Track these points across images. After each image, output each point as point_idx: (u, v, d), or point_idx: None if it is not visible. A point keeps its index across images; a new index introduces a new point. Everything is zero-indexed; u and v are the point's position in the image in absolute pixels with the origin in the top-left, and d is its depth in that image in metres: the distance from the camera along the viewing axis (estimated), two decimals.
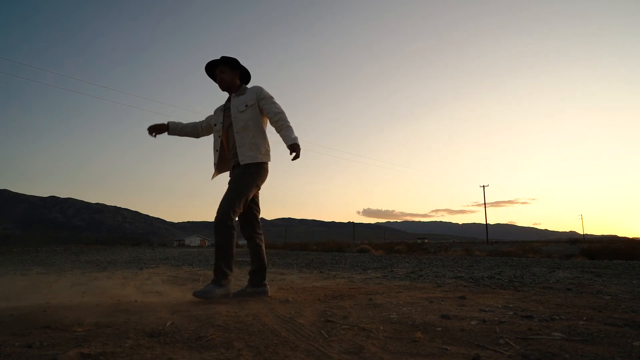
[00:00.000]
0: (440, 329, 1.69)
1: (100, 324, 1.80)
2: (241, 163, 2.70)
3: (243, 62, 2.86)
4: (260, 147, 2.76)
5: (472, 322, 1.81)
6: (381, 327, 1.73)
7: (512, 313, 2.04)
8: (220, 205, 2.60)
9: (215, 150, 2.91)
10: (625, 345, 1.41)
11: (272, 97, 2.82)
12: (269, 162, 2.82)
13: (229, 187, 2.69)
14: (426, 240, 55.37)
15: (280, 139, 2.71)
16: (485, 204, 49.93)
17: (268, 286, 2.83)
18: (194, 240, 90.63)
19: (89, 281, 3.97)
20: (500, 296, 2.71)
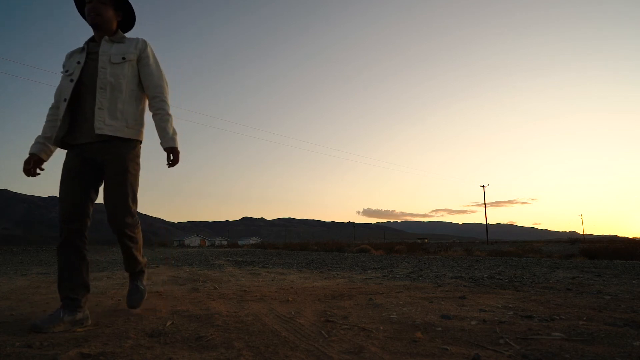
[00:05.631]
0: (440, 329, 1.69)
1: (100, 324, 1.81)
2: (97, 132, 1.88)
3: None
4: (129, 117, 1.98)
5: (472, 322, 1.81)
6: (381, 327, 1.73)
7: (512, 313, 2.04)
8: (116, 206, 1.94)
9: (60, 111, 1.97)
10: (626, 345, 1.41)
11: (157, 61, 2.11)
12: (140, 142, 2.07)
13: (116, 179, 1.94)
14: (426, 240, 55.40)
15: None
16: (485, 204, 49.94)
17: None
18: (194, 240, 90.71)
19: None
20: (500, 296, 2.71)
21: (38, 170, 2.03)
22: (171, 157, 2.01)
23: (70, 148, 2.00)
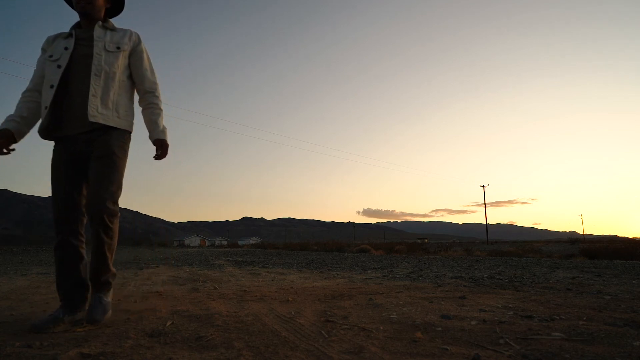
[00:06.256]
0: (440, 329, 1.69)
1: (100, 323, 1.81)
2: (90, 119, 1.80)
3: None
4: (120, 108, 1.93)
5: (472, 322, 1.81)
6: (381, 327, 1.73)
7: (512, 313, 2.04)
8: (99, 188, 1.79)
9: (45, 99, 1.86)
10: (625, 345, 1.41)
11: (149, 57, 2.08)
12: (130, 133, 2.00)
13: (102, 161, 1.83)
14: (426, 240, 55.41)
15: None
16: (485, 204, 49.94)
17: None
18: (194, 240, 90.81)
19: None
20: (500, 296, 2.71)
21: (5, 150, 1.84)
22: (159, 150, 2.00)
23: (57, 141, 1.92)
